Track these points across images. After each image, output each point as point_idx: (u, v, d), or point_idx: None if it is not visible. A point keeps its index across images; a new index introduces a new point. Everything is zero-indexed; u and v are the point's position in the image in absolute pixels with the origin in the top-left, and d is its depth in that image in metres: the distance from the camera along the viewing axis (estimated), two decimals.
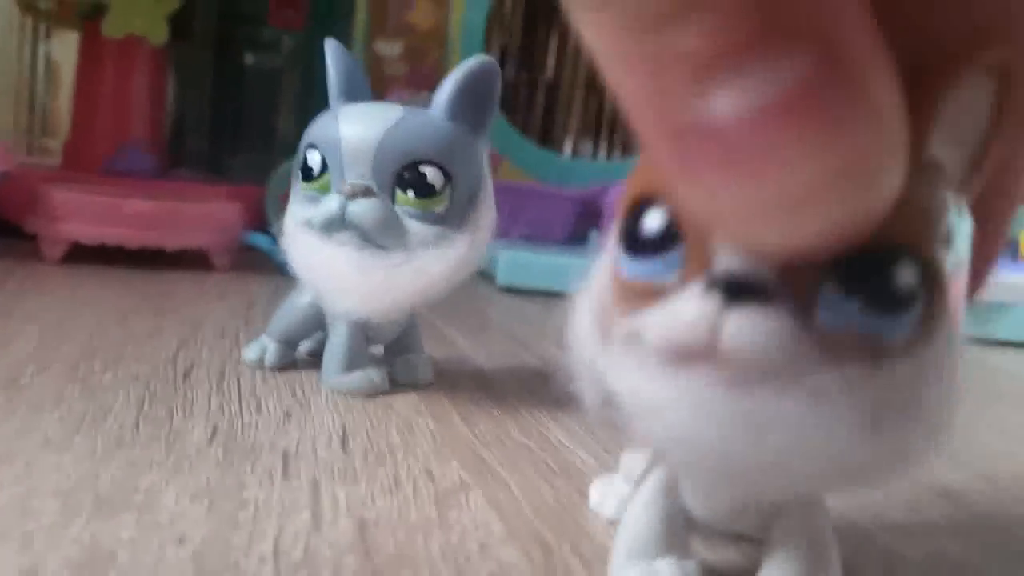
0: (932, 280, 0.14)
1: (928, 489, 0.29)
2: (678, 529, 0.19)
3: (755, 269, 0.14)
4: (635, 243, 0.16)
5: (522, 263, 0.65)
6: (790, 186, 0.12)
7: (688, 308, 0.14)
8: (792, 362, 0.14)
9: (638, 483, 0.20)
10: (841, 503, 0.24)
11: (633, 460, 0.23)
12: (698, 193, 0.13)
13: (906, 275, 0.14)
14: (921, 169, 0.14)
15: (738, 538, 0.22)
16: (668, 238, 0.15)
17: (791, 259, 0.14)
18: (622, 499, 0.22)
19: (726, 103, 0.12)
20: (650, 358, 0.15)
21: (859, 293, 0.14)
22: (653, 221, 0.15)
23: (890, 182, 0.12)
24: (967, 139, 0.15)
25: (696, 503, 0.19)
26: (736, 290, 0.14)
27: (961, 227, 0.15)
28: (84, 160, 0.72)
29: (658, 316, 0.15)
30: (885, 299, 0.14)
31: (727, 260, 0.14)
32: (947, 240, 0.15)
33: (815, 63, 0.11)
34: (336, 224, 0.30)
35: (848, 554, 0.22)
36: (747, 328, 0.14)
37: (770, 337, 0.14)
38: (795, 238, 0.13)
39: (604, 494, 0.24)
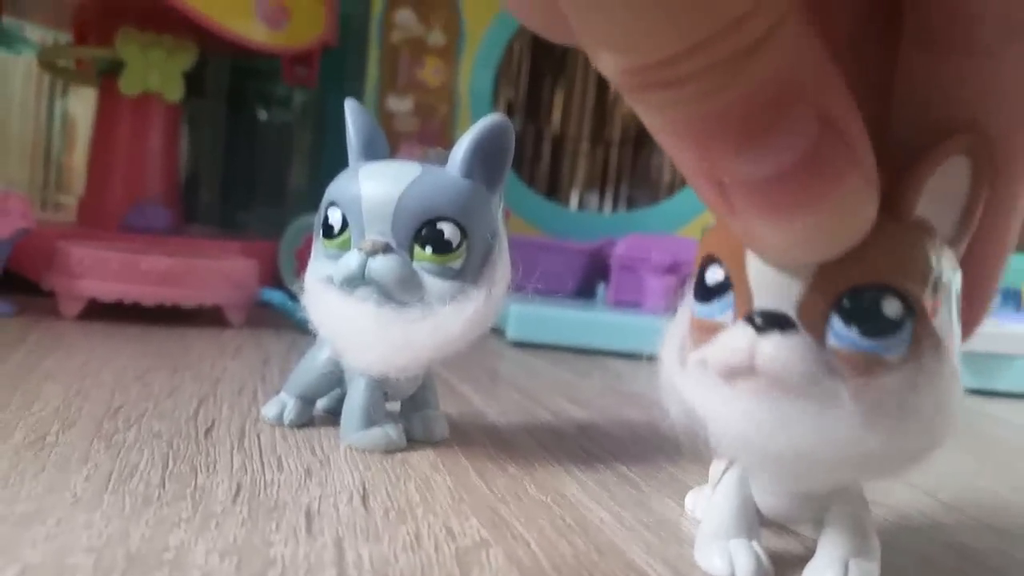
0: (915, 311, 0.19)
1: (941, 544, 0.29)
2: (750, 517, 0.24)
3: (779, 308, 0.19)
4: (701, 291, 0.21)
5: (532, 317, 0.65)
6: (806, 223, 0.17)
7: (734, 337, 0.20)
8: (808, 376, 0.19)
9: (717, 482, 0.25)
10: None
11: (718, 468, 0.27)
12: (739, 228, 0.18)
13: (892, 307, 0.19)
14: (908, 226, 0.19)
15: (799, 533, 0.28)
16: (723, 287, 0.21)
17: (807, 299, 0.19)
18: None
19: (756, 168, 0.16)
20: (712, 377, 0.20)
21: (857, 322, 0.19)
22: (713, 275, 0.21)
23: (872, 209, 0.18)
24: (955, 204, 0.20)
25: (761, 500, 0.24)
26: (766, 323, 0.19)
27: (949, 271, 0.20)
28: (100, 216, 0.73)
29: (716, 345, 0.20)
30: (877, 326, 0.19)
31: (760, 301, 0.20)
32: (931, 280, 0.19)
33: (819, 132, 0.16)
34: (356, 280, 0.31)
35: None
36: (773, 350, 0.19)
37: (790, 356, 0.19)
38: (807, 259, 0.19)
39: (696, 501, 0.29)
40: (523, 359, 0.61)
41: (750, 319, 0.20)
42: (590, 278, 0.79)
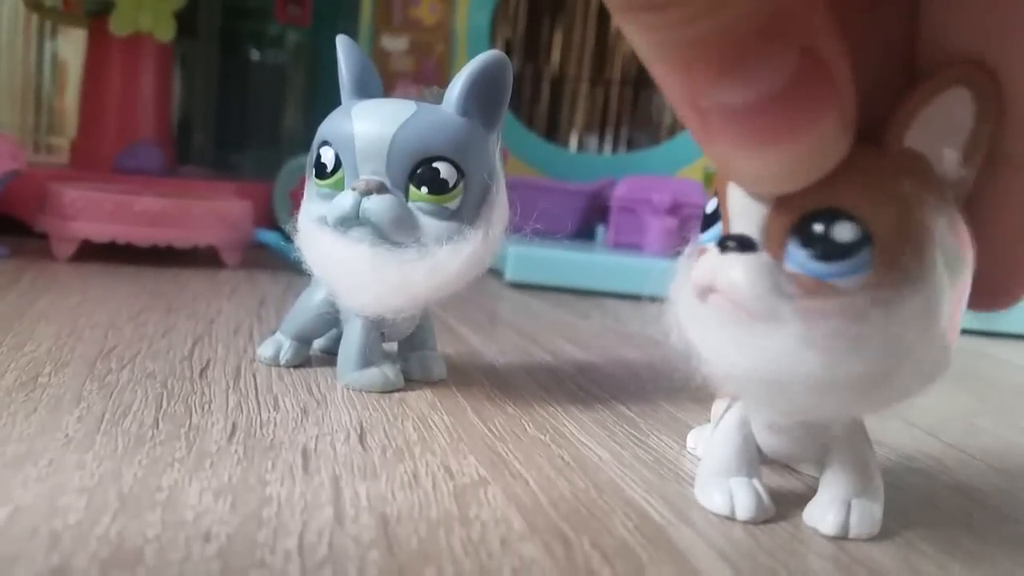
0: (871, 238, 0.19)
1: (943, 483, 0.29)
2: (751, 456, 0.24)
3: (747, 232, 0.20)
4: (703, 221, 0.22)
5: (531, 259, 0.65)
6: (777, 155, 0.17)
7: (706, 259, 0.21)
8: (757, 294, 0.19)
9: (717, 421, 0.25)
10: None
11: (719, 408, 0.27)
12: (716, 155, 0.18)
13: (844, 232, 0.19)
14: (887, 155, 0.19)
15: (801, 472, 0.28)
16: (715, 215, 0.21)
17: (770, 222, 0.19)
18: None
19: (735, 94, 0.16)
20: (693, 298, 0.21)
21: (809, 245, 0.19)
22: (710, 205, 0.22)
23: (844, 148, 0.18)
24: (956, 140, 0.19)
25: (762, 438, 0.24)
26: (728, 245, 0.20)
27: (933, 207, 0.19)
28: (92, 158, 0.72)
29: (696, 267, 0.21)
30: (826, 250, 0.19)
31: (734, 226, 0.20)
32: (901, 211, 0.19)
33: (799, 65, 0.16)
34: (350, 221, 0.30)
35: (865, 548, 0.22)
36: (727, 269, 0.20)
37: (741, 274, 0.19)
38: (775, 190, 0.19)
39: (698, 439, 0.29)
40: (522, 300, 0.60)
41: (720, 241, 0.20)
42: (589, 220, 0.78)
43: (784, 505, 0.24)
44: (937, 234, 0.19)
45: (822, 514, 0.23)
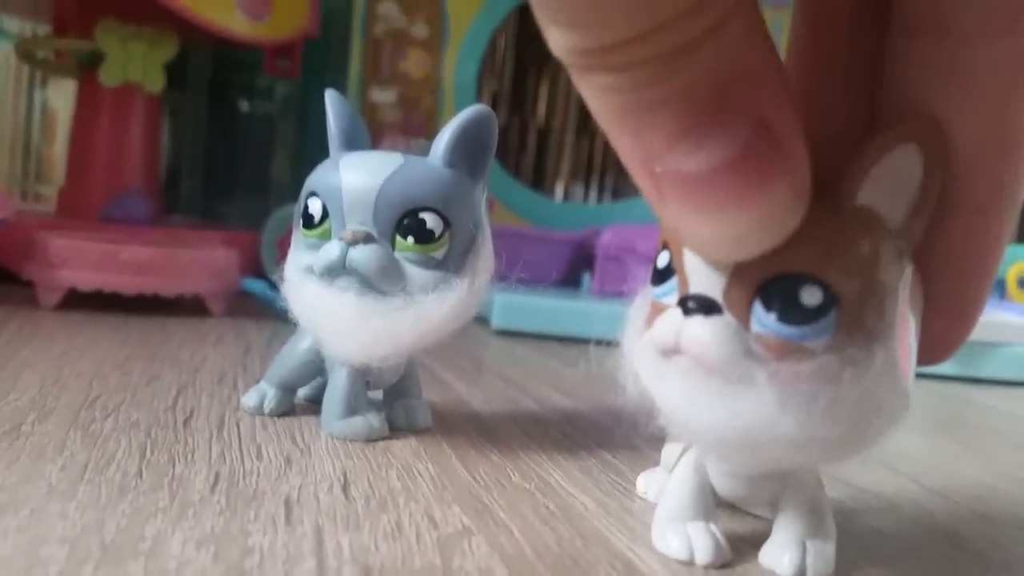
0: (838, 301, 0.19)
1: (927, 529, 0.29)
2: (707, 500, 0.24)
3: (708, 293, 0.20)
4: (655, 275, 0.22)
5: (517, 306, 0.65)
6: (731, 221, 0.17)
7: (667, 319, 0.21)
8: (726, 357, 0.19)
9: (675, 465, 0.25)
10: (842, 548, 0.24)
11: (670, 452, 0.28)
12: (669, 220, 0.18)
13: (811, 296, 0.19)
14: (844, 214, 0.19)
15: (757, 517, 0.28)
16: (669, 271, 0.21)
17: (732, 284, 0.20)
18: (663, 486, 0.27)
19: (688, 162, 0.17)
20: (653, 355, 0.21)
21: (775, 309, 0.19)
22: (662, 259, 0.22)
23: (796, 218, 0.18)
24: (906, 194, 0.20)
25: (718, 482, 0.24)
26: (692, 307, 0.20)
27: (890, 262, 0.20)
28: (80, 207, 0.72)
29: (655, 326, 0.21)
30: (794, 313, 0.19)
31: (694, 286, 0.20)
32: (862, 271, 0.19)
33: (752, 135, 0.16)
34: (337, 270, 0.31)
35: None
36: (694, 332, 0.20)
37: (709, 338, 0.20)
38: (727, 257, 0.19)
39: (648, 482, 0.29)
40: (508, 347, 0.60)
41: (681, 302, 0.20)
42: (575, 268, 0.78)
43: (740, 547, 0.25)
44: (899, 290, 0.20)
45: (779, 555, 0.23)
